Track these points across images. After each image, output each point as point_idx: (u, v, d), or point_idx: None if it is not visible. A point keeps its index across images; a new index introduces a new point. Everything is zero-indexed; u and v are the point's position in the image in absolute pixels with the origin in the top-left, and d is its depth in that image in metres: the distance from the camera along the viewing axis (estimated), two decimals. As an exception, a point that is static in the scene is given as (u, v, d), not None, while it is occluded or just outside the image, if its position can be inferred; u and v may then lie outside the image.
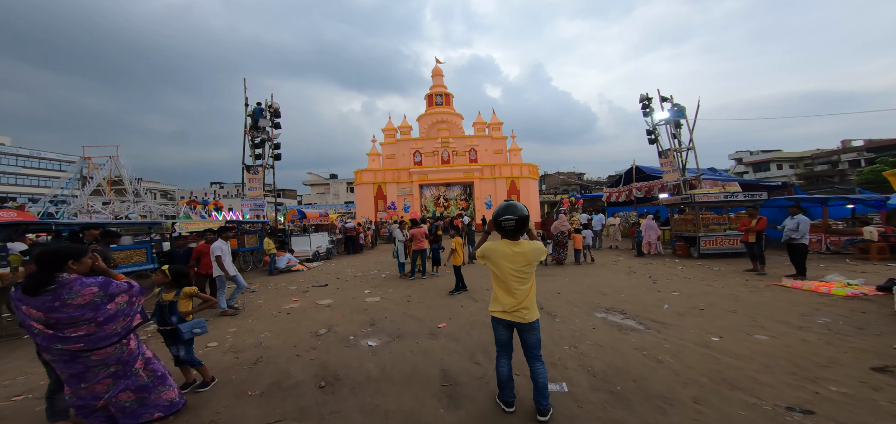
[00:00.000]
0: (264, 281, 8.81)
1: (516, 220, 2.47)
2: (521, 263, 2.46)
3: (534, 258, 2.48)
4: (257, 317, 5.56)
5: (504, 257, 2.49)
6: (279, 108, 13.76)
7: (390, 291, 7.13)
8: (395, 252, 8.59)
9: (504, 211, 2.52)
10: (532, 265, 2.49)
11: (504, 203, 2.57)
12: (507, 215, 2.48)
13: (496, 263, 2.54)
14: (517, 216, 2.47)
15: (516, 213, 2.48)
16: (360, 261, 12.18)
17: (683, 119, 12.73)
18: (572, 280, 7.45)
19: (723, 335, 3.94)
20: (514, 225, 2.47)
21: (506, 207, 2.54)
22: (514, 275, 2.46)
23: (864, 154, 39.31)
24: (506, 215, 2.49)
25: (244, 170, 12.43)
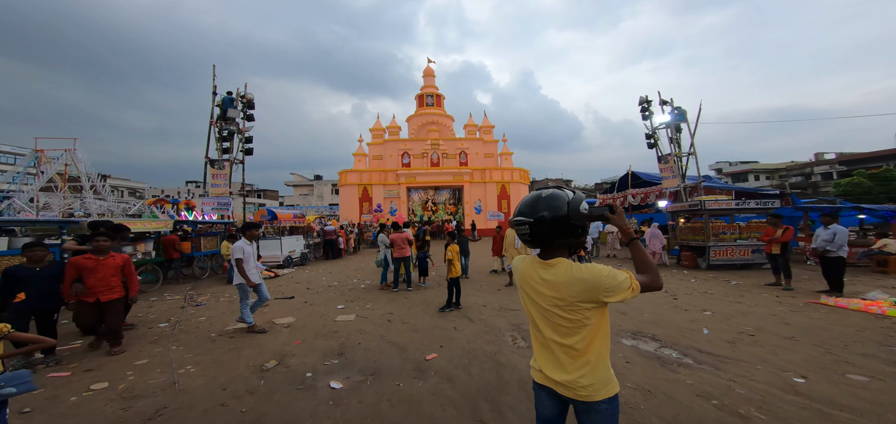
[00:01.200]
0: (219, 292, 7.44)
1: (533, 223, 1.32)
2: (551, 300, 1.32)
3: (577, 296, 1.26)
4: (186, 342, 4.29)
5: (528, 283, 1.41)
6: (253, 98, 12.39)
7: (368, 306, 5.97)
8: (378, 261, 7.44)
9: (521, 208, 1.39)
10: (578, 309, 1.27)
11: (530, 195, 1.41)
12: (521, 216, 1.36)
13: (520, 290, 1.47)
14: (534, 218, 1.32)
15: (534, 211, 1.33)
16: (338, 268, 10.91)
17: (685, 123, 12.21)
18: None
19: (806, 375, 3.02)
20: (529, 232, 1.34)
21: (526, 202, 1.38)
22: (544, 317, 1.36)
23: (837, 167, 41.01)
24: (520, 215, 1.37)
25: (207, 164, 10.98)
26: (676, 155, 12.20)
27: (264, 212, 10.26)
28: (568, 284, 1.27)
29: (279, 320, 5.18)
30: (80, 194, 26.99)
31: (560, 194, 1.32)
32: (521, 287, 1.46)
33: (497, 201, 26.23)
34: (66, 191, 27.32)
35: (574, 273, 1.26)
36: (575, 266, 1.28)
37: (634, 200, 15.09)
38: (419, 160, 26.27)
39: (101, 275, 3.91)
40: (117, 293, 4.02)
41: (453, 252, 5.75)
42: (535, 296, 1.37)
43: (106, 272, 3.95)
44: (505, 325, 4.81)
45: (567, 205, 1.29)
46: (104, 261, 3.99)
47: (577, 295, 1.25)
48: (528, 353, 3.81)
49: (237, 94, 11.91)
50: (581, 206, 1.30)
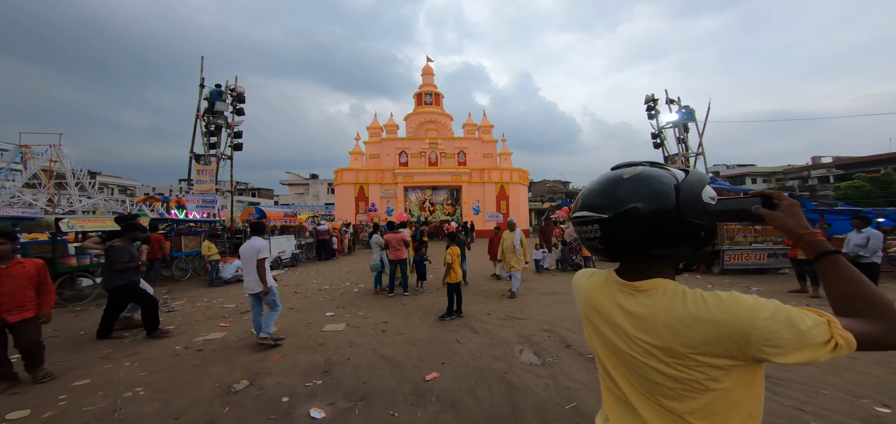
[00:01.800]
0: (197, 295, 6.84)
1: (610, 221, 0.75)
2: (641, 344, 0.75)
3: (698, 345, 0.68)
4: (144, 356, 3.71)
5: (598, 312, 0.86)
6: (243, 92, 11.83)
7: (361, 314, 5.42)
8: (372, 265, 6.87)
9: (588, 197, 0.80)
10: (698, 363, 0.69)
11: (603, 177, 0.82)
12: (589, 209, 0.78)
13: (585, 319, 0.91)
14: (613, 212, 0.74)
15: (614, 202, 0.75)
16: (331, 270, 10.33)
17: (693, 122, 11.80)
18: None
19: (889, 404, 2.53)
20: (602, 237, 0.77)
21: (597, 188, 0.80)
22: (627, 367, 0.80)
23: (834, 170, 41.11)
24: (587, 207, 0.79)
25: (192, 159, 10.37)
26: (684, 155, 11.78)
27: (253, 210, 9.66)
28: (677, 324, 0.70)
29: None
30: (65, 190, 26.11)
31: (660, 174, 0.75)
32: (586, 317, 0.91)
33: (495, 202, 25.76)
34: (51, 187, 26.44)
35: (690, 308, 0.69)
36: (690, 296, 0.71)
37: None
38: (417, 160, 25.73)
39: (6, 289, 2.95)
40: (29, 310, 3.05)
41: (453, 255, 5.21)
42: (612, 334, 0.81)
43: (13, 284, 2.98)
44: (513, 337, 4.29)
45: (676, 192, 0.72)
46: (9, 270, 2.98)
47: (699, 345, 0.68)
48: (545, 373, 3.29)
49: (226, 87, 11.34)
50: (704, 193, 0.74)
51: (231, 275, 7.86)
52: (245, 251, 4.07)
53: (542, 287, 7.16)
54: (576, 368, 3.40)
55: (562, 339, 4.19)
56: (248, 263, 4.04)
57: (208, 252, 7.42)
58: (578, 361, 3.56)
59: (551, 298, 6.27)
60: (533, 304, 5.86)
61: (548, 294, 6.54)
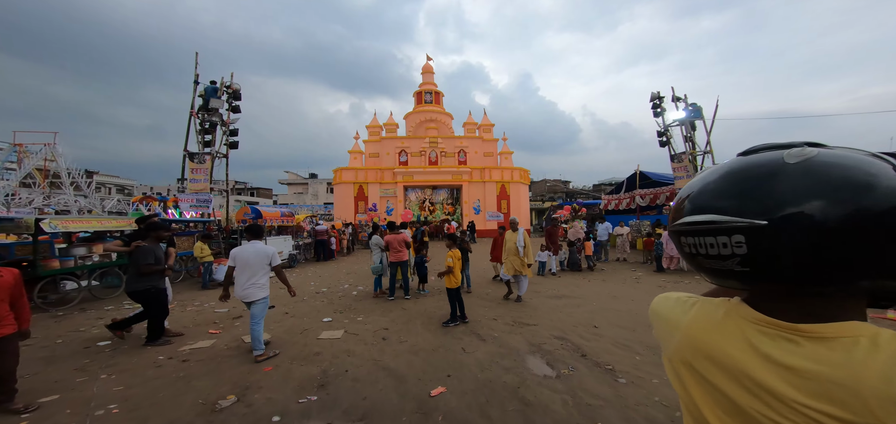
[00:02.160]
0: (188, 298, 6.54)
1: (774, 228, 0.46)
2: (809, 419, 0.46)
3: None
4: (124, 367, 3.41)
5: (715, 361, 0.55)
6: (239, 89, 11.52)
7: (360, 319, 5.13)
8: (373, 267, 6.57)
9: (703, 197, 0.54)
10: None
11: (739, 161, 0.53)
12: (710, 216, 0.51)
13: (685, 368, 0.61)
14: (780, 215, 0.46)
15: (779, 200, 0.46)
16: (329, 271, 10.04)
17: (700, 120, 11.54)
18: (603, 303, 5.73)
19: None
20: (745, 254, 0.48)
21: (734, 175, 0.52)
22: None
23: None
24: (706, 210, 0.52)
25: (186, 158, 10.06)
26: (691, 154, 11.52)
27: (248, 210, 9.36)
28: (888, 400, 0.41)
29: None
30: (60, 190, 25.77)
31: (861, 159, 0.47)
32: (685, 363, 0.61)
33: (496, 202, 25.48)
34: (46, 186, 26.09)
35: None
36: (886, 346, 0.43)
37: (643, 201, 14.40)
38: (417, 159, 25.44)
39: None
40: (8, 327, 2.59)
41: (454, 258, 4.91)
42: (744, 396, 0.52)
43: None
44: (523, 345, 4.01)
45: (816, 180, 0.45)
46: None
47: None
48: (562, 387, 3.01)
49: (221, 83, 11.02)
50: None
51: (223, 277, 7.54)
52: (250, 257, 3.78)
53: (549, 290, 6.88)
54: (595, 381, 3.12)
55: (576, 347, 3.91)
56: (252, 269, 3.78)
57: (201, 254, 7.12)
58: (597, 373, 3.28)
59: (560, 302, 5.99)
60: (541, 309, 5.58)
61: (556, 298, 6.26)
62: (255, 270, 3.78)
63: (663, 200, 13.16)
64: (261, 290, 3.79)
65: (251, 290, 3.79)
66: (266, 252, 3.84)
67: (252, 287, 3.78)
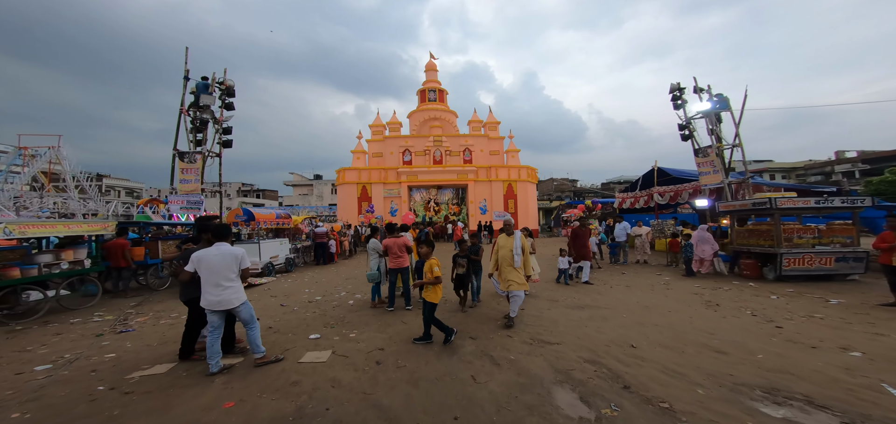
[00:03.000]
0: (168, 309, 5.93)
1: None
2: None
3: None
4: (52, 401, 2.74)
5: None
6: (233, 86, 10.96)
7: (353, 336, 4.43)
8: (369, 275, 5.86)
9: None
10: None
11: None
12: None
13: None
14: None
15: None
16: (327, 276, 9.39)
17: (728, 111, 10.63)
18: (635, 315, 4.94)
19: None
20: None
21: None
22: None
23: (859, 165, 39.10)
24: None
25: (175, 157, 9.51)
26: (718, 147, 10.59)
27: (239, 211, 8.79)
28: None
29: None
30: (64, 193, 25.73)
31: None
32: None
33: (503, 201, 24.67)
34: (51, 189, 26.08)
35: None
36: None
37: (661, 199, 13.48)
38: (421, 158, 24.78)
39: None
40: None
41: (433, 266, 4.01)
42: None
43: None
44: (546, 371, 3.27)
45: None
46: None
47: None
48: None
49: (213, 79, 10.46)
50: None
51: (212, 284, 6.94)
52: (214, 261, 3.28)
53: (569, 299, 6.09)
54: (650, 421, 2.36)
55: (614, 375, 3.15)
56: (218, 274, 3.27)
57: (183, 259, 6.51)
58: (649, 414, 2.52)
59: (583, 314, 5.21)
60: (561, 322, 4.81)
61: (577, 309, 5.48)
62: (222, 275, 3.29)
63: (685, 197, 12.24)
64: (237, 294, 3.36)
65: (226, 296, 3.29)
66: (232, 253, 3.38)
67: (225, 292, 3.28)
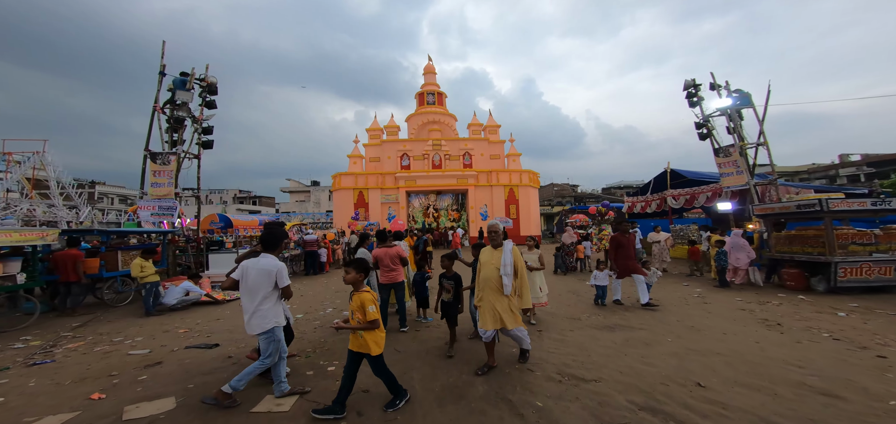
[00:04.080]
0: (115, 330, 4.96)
1: None
2: None
3: None
4: None
5: None
6: (216, 83, 10.19)
7: (331, 370, 3.51)
8: None
9: None
10: None
11: None
12: None
13: None
14: None
15: None
16: (314, 289, 8.44)
17: (750, 108, 9.87)
18: (684, 339, 3.99)
19: None
20: None
21: None
22: None
23: (864, 168, 38.53)
24: None
25: (146, 158, 8.63)
26: (741, 146, 9.80)
27: (215, 217, 7.88)
28: None
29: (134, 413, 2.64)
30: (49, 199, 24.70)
31: None
32: None
33: (505, 206, 23.82)
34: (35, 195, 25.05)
35: None
36: None
37: (676, 202, 12.63)
38: (419, 162, 23.97)
39: None
40: None
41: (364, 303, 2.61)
42: None
43: None
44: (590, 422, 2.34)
45: None
46: None
47: None
48: None
49: (192, 74, 9.65)
50: None
51: (176, 300, 5.99)
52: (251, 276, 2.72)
53: (596, 319, 5.14)
54: None
55: (688, 438, 2.23)
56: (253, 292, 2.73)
57: (141, 273, 5.56)
58: None
59: (615, 335, 4.28)
60: (592, 348, 3.88)
61: (607, 330, 4.54)
62: (257, 293, 2.74)
63: (702, 200, 11.39)
64: (264, 319, 2.76)
65: (255, 321, 2.75)
66: (268, 269, 2.76)
67: (255, 316, 2.75)
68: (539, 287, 4.87)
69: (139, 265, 5.56)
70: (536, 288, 4.78)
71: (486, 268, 3.34)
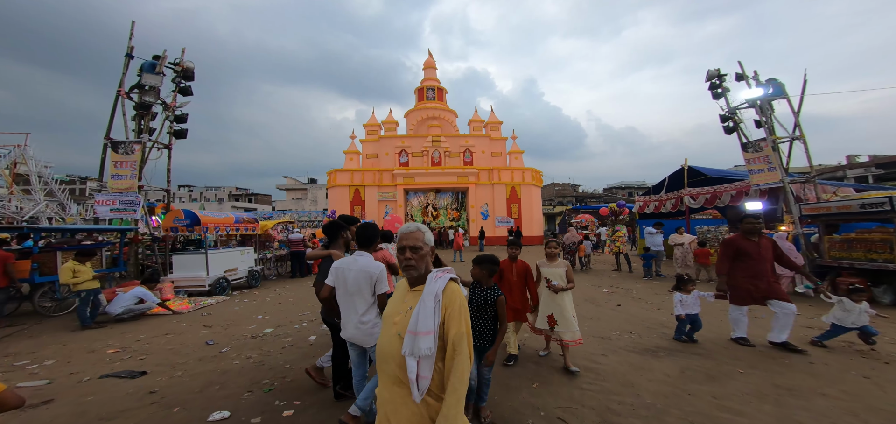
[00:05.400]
0: (36, 347, 3.97)
1: None
2: None
3: None
4: None
5: None
6: (192, 68, 9.21)
7: (288, 414, 2.53)
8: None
9: None
10: None
11: None
12: None
13: None
14: None
15: None
16: (295, 294, 7.46)
17: (783, 98, 8.92)
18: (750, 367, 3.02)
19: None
20: None
21: None
22: None
23: (873, 170, 37.77)
24: None
25: (107, 147, 7.63)
26: (773, 140, 8.85)
27: (180, 213, 6.90)
28: None
29: None
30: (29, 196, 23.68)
31: None
32: None
33: (506, 206, 22.88)
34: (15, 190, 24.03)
35: None
36: None
37: (694, 202, 11.68)
38: (418, 159, 23.01)
39: None
40: None
41: None
42: None
43: None
44: None
45: None
46: None
47: None
48: None
49: (163, 57, 8.65)
50: None
51: (123, 310, 5.00)
52: (349, 278, 2.26)
53: (632, 340, 4.15)
54: None
55: None
56: (352, 296, 2.27)
57: (72, 278, 4.57)
58: None
59: (664, 363, 3.28)
60: (639, 383, 2.90)
61: (648, 353, 3.55)
62: (357, 299, 2.27)
63: (727, 199, 10.45)
64: (372, 336, 2.26)
65: (361, 333, 2.26)
66: (366, 271, 2.28)
67: (359, 330, 2.26)
68: (571, 315, 3.22)
69: (70, 269, 4.56)
70: (568, 317, 3.19)
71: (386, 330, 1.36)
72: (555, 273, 3.29)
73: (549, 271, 3.34)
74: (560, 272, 3.29)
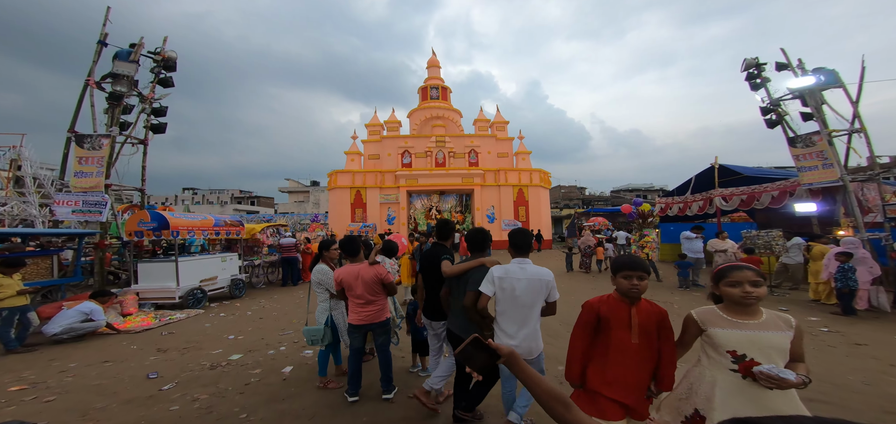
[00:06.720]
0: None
1: None
2: None
3: None
4: None
5: None
6: (174, 58, 8.41)
7: None
8: (308, 331, 3.03)
9: None
10: None
11: None
12: None
13: None
14: None
15: None
16: (279, 306, 6.51)
17: (839, 87, 7.86)
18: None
19: None
20: None
21: None
22: None
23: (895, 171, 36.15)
24: None
25: (70, 142, 6.78)
26: (828, 134, 7.77)
27: (146, 216, 5.99)
28: None
29: None
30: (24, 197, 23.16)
31: None
32: None
33: (513, 208, 21.86)
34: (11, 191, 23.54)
35: None
36: None
37: (727, 204, 10.59)
38: (422, 160, 22.10)
39: None
40: None
41: None
42: None
43: None
44: None
45: None
46: None
47: None
48: None
49: (139, 44, 7.82)
50: None
51: (62, 329, 4.07)
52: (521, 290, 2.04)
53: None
54: None
55: None
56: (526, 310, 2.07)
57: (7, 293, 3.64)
58: None
59: None
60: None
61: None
62: (531, 308, 2.09)
63: (767, 200, 9.35)
64: (538, 340, 2.13)
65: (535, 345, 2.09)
66: (542, 278, 2.10)
67: (527, 340, 2.06)
68: None
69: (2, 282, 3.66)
70: None
71: None
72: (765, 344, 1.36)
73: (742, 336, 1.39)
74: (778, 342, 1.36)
